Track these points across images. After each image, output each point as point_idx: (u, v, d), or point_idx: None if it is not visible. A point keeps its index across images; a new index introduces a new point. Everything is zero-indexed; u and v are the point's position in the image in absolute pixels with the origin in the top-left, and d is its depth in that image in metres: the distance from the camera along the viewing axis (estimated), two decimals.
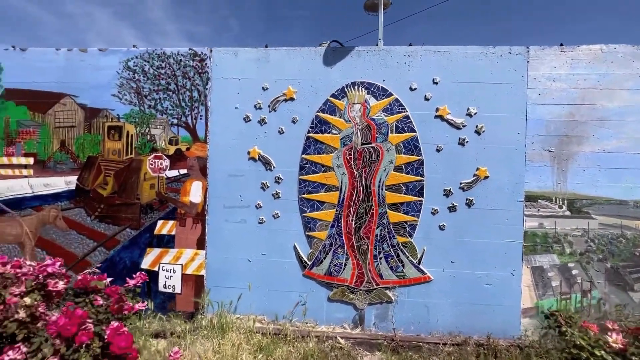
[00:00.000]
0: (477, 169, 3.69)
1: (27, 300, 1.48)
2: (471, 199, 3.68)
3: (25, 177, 4.20)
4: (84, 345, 1.44)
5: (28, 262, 1.68)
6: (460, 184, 3.70)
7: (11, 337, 1.43)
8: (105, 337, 1.51)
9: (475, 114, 3.70)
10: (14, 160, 4.22)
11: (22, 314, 1.42)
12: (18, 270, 1.59)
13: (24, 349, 1.37)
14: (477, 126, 3.69)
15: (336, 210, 3.81)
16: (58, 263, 1.74)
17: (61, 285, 1.63)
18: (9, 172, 4.22)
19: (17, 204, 4.21)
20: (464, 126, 3.70)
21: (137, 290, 2.05)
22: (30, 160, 4.20)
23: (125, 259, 4.05)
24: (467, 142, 3.70)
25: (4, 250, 4.19)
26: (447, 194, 3.71)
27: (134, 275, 2.29)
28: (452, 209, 3.71)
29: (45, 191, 4.18)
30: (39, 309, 1.43)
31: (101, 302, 1.69)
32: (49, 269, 1.69)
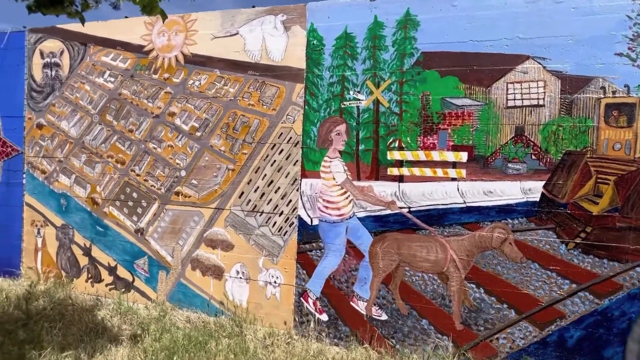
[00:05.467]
0: None
1: None
2: None
3: (453, 179, 2.94)
4: None
5: None
6: None
7: None
8: None
9: None
10: (435, 156, 2.98)
11: None
12: None
13: None
14: None
15: None
16: None
17: None
18: (427, 171, 3.00)
19: (438, 218, 2.98)
20: None
21: None
22: (462, 156, 2.91)
23: (632, 314, 2.58)
24: None
25: (415, 281, 3.03)
26: None
27: None
28: None
29: (486, 201, 2.88)
30: None
31: None
32: None
